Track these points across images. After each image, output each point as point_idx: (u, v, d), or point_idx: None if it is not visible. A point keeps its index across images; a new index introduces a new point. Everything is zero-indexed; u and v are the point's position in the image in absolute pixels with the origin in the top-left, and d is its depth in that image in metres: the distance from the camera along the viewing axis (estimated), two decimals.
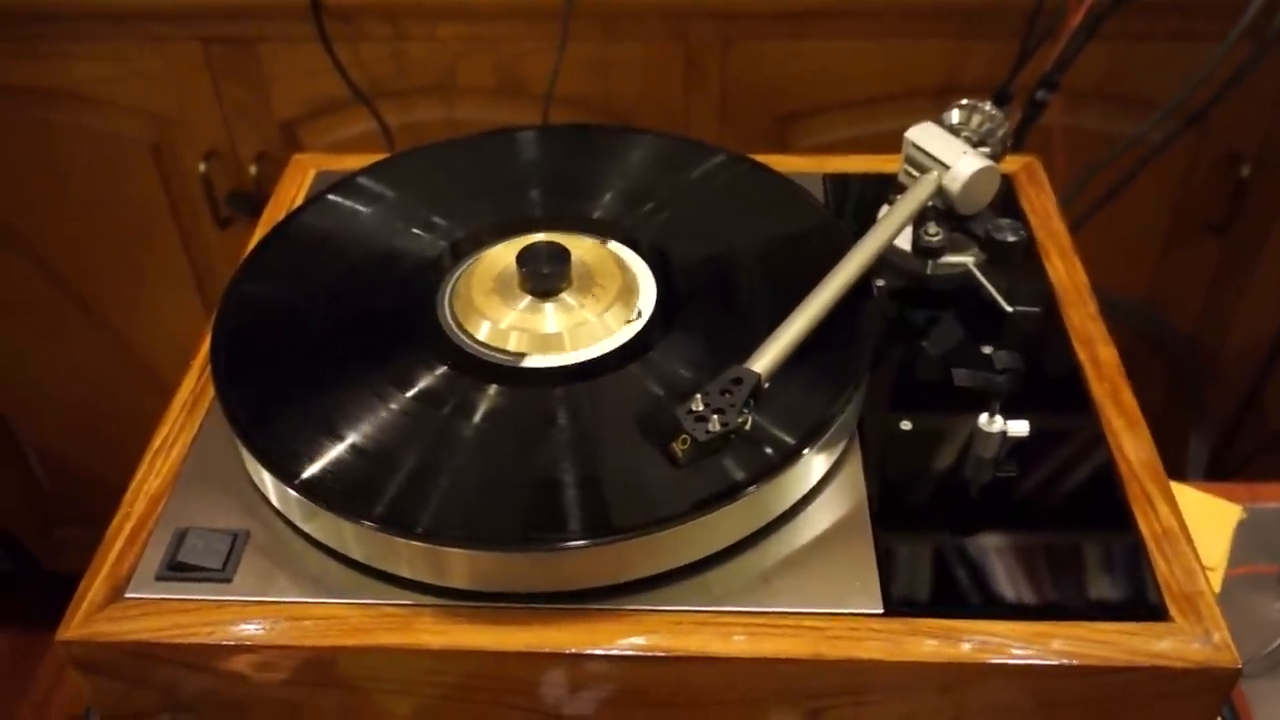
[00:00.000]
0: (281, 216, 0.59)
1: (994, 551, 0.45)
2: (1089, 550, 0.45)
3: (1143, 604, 0.43)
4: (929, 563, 0.44)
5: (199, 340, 0.54)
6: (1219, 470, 1.20)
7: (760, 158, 0.60)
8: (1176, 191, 1.05)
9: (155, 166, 1.05)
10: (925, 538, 0.45)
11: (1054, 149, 0.97)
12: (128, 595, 0.44)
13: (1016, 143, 0.89)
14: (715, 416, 0.43)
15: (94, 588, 0.44)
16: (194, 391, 0.52)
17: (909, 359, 0.53)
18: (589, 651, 0.42)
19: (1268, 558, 0.76)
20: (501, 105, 1.00)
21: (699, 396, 0.44)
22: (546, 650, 0.42)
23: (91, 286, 1.16)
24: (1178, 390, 1.16)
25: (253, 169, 1.03)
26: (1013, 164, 0.64)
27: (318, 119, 1.01)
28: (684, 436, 0.43)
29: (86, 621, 0.43)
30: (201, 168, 1.03)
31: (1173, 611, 0.42)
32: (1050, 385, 0.51)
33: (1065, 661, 0.41)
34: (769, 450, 0.44)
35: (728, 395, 0.44)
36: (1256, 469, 1.19)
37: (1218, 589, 0.70)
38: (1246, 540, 0.77)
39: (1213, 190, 1.04)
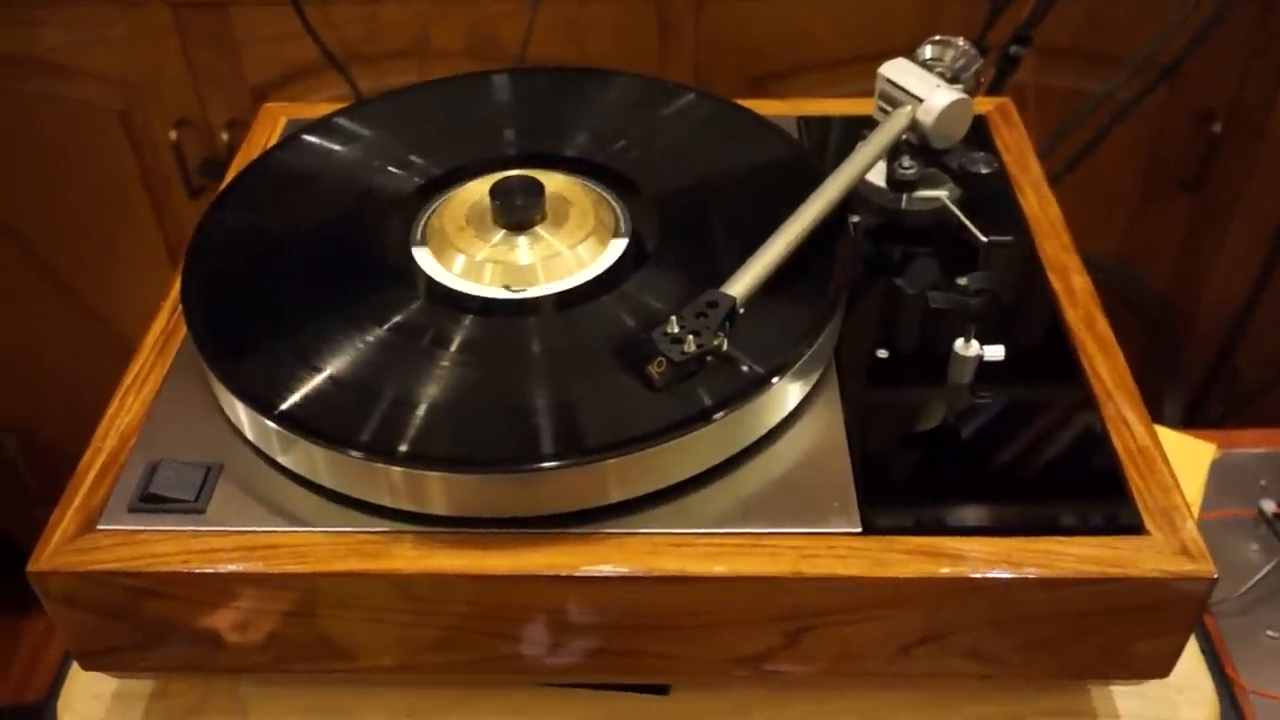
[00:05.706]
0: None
1: (970, 472, 0.45)
2: (1064, 468, 0.45)
3: (1119, 519, 0.43)
4: (906, 484, 0.44)
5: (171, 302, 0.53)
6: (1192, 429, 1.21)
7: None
8: (1149, 150, 1.05)
9: (125, 135, 1.04)
10: (902, 460, 0.45)
11: (1028, 108, 0.97)
12: (99, 527, 0.43)
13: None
14: (691, 338, 0.43)
15: (65, 520, 0.43)
16: (165, 331, 0.51)
17: (885, 291, 0.53)
18: (569, 574, 0.41)
19: (1242, 502, 0.77)
20: (474, 68, 0.99)
21: (674, 319, 0.44)
22: (527, 573, 0.41)
23: (64, 261, 1.14)
24: (1152, 350, 1.17)
25: (224, 135, 1.02)
26: (986, 104, 0.64)
27: (290, 84, 1.00)
28: (660, 359, 0.43)
29: (58, 553, 0.42)
30: (173, 135, 1.02)
31: (1149, 525, 0.42)
32: (1025, 313, 0.52)
33: (1042, 575, 0.41)
34: (745, 373, 0.44)
35: (703, 318, 0.44)
36: (1230, 427, 1.20)
37: None
38: (1222, 485, 0.77)
39: (1185, 148, 1.04)
